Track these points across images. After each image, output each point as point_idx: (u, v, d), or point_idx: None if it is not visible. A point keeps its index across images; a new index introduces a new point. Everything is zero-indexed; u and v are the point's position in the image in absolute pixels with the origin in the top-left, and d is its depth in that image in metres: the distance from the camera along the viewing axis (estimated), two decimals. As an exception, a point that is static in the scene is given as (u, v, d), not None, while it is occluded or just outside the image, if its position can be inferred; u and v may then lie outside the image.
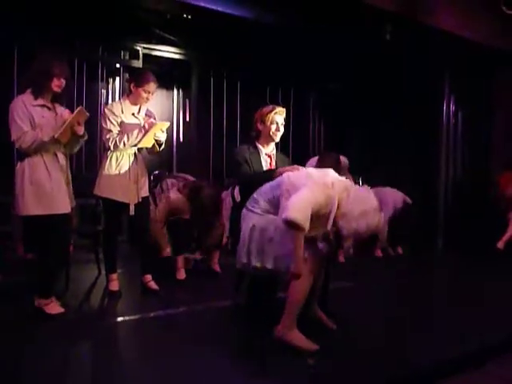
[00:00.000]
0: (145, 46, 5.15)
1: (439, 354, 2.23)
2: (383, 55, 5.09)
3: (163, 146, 3.16)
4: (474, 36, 4.83)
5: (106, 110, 3.01)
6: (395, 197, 4.91)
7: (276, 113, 2.79)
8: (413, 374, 2.07)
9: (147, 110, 3.15)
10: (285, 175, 2.41)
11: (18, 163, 2.58)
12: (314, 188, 2.18)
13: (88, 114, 2.65)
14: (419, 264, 4.79)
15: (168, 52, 5.27)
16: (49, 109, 2.61)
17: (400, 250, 5.05)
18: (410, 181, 5.45)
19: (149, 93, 3.01)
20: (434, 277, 4.06)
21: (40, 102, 2.57)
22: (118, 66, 5.27)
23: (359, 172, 5.20)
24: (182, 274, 3.59)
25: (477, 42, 4.86)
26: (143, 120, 3.02)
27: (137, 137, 2.93)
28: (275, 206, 2.35)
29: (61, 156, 2.66)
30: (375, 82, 5.86)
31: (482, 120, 5.66)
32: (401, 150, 5.78)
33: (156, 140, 3.05)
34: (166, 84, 5.62)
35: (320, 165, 3.22)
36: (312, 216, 2.13)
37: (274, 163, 2.86)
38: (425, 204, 5.42)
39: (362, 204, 2.14)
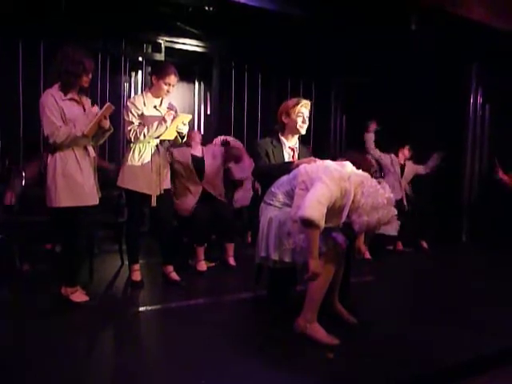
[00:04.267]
0: (167, 39, 5.17)
1: (463, 352, 2.19)
2: (409, 47, 4.96)
3: (185, 139, 3.20)
4: (507, 26, 4.64)
5: (128, 103, 3.05)
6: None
7: (302, 105, 2.77)
8: (435, 372, 2.03)
9: (169, 103, 3.17)
10: (301, 167, 2.40)
11: (49, 157, 2.61)
12: (330, 183, 2.16)
13: (113, 107, 2.68)
14: (443, 259, 4.70)
15: (190, 45, 5.28)
16: (77, 103, 2.66)
17: (425, 245, 4.96)
18: (434, 175, 5.32)
19: (169, 85, 3.03)
20: (459, 272, 3.97)
21: (69, 96, 2.61)
22: (140, 59, 5.31)
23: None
24: (202, 266, 3.62)
25: (509, 32, 4.67)
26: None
27: (156, 128, 2.96)
28: (292, 198, 2.34)
29: (90, 149, 2.71)
30: (400, 75, 5.72)
31: (509, 113, 5.47)
32: (426, 144, 5.64)
33: (178, 132, 3.08)
34: (187, 77, 5.63)
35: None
36: (327, 207, 2.13)
37: (296, 156, 2.84)
38: (449, 198, 5.29)
39: (375, 198, 2.13)
